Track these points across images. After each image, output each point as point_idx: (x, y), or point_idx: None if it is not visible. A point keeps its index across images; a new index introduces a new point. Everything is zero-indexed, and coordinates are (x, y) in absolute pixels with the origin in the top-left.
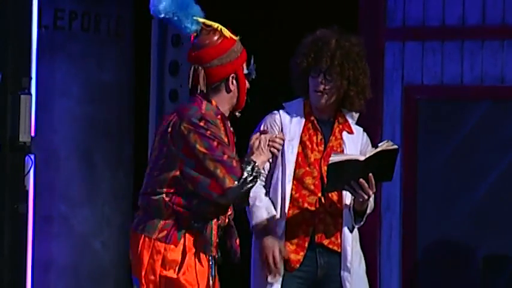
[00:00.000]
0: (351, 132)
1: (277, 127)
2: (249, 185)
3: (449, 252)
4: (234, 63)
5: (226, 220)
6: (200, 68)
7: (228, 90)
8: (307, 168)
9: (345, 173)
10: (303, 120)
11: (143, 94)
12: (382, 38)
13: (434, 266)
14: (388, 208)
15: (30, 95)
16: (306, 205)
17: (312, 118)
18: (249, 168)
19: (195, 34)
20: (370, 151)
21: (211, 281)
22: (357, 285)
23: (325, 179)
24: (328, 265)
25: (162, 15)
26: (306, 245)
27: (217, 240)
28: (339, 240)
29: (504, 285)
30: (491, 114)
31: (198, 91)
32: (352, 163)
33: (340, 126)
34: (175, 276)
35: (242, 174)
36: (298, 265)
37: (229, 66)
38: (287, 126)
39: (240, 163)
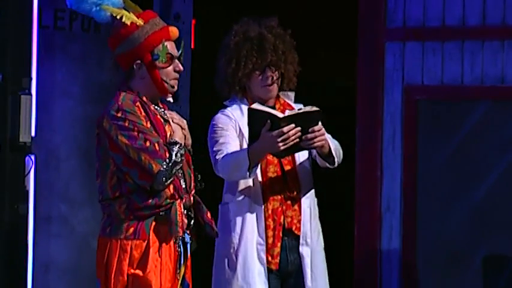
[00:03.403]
0: (292, 109)
1: (233, 122)
2: (179, 165)
3: (449, 253)
4: (137, 49)
5: (191, 198)
6: (113, 54)
7: (139, 77)
8: (268, 158)
9: (262, 126)
10: None
11: None
12: (382, 38)
13: (434, 267)
14: (388, 209)
15: (31, 95)
16: (274, 195)
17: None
18: (175, 148)
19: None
20: (291, 111)
21: (180, 269)
22: (316, 260)
23: (283, 164)
24: (296, 260)
25: (73, 8)
26: (281, 234)
27: (185, 221)
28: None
29: (504, 285)
30: (492, 115)
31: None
32: (272, 117)
33: (282, 107)
34: (141, 274)
35: (169, 156)
36: (278, 259)
37: (131, 53)
38: (241, 121)
39: (166, 145)
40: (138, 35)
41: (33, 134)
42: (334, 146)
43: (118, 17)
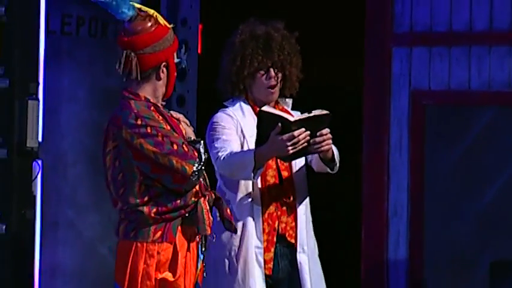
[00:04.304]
0: (290, 115)
1: (234, 122)
2: (205, 162)
3: (457, 258)
4: (166, 51)
5: (213, 195)
6: (133, 54)
7: (158, 78)
8: (268, 161)
9: (272, 129)
10: (253, 114)
11: None
12: (389, 43)
13: (441, 272)
14: (395, 213)
15: (38, 100)
16: (271, 199)
17: (258, 110)
18: (200, 146)
19: (128, 19)
20: (302, 115)
21: (198, 267)
22: (313, 266)
23: (280, 169)
24: (286, 268)
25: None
26: (275, 239)
27: (211, 218)
28: (295, 233)
29: None
30: (498, 120)
31: (131, 78)
32: (282, 121)
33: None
34: (172, 279)
35: (199, 155)
36: (271, 264)
37: (161, 54)
38: (243, 121)
39: (191, 145)
40: (170, 37)
41: (40, 139)
42: (336, 151)
43: (154, 16)
